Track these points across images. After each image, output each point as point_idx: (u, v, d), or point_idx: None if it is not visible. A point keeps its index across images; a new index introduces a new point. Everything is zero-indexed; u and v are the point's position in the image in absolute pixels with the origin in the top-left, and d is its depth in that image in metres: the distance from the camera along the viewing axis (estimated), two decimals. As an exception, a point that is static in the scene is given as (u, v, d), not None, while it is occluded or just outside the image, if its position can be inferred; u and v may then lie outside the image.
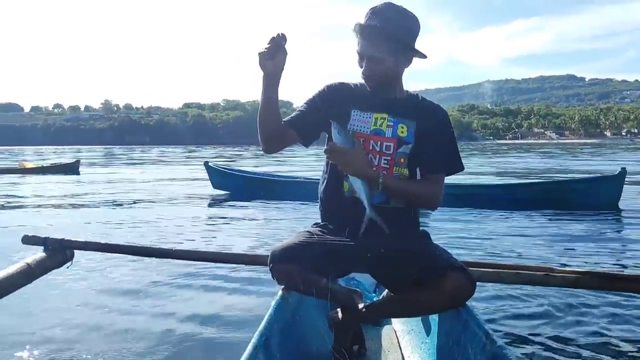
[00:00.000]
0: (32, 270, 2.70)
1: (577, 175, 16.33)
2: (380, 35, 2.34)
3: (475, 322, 2.08)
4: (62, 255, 2.90)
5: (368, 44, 2.37)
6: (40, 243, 2.89)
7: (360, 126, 2.45)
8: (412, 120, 2.46)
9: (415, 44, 2.44)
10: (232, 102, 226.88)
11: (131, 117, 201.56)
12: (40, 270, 2.76)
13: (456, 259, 2.27)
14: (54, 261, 2.86)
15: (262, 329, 1.96)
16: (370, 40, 2.36)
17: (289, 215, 9.01)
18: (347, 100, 2.50)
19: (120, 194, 13.16)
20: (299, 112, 2.53)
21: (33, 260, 2.74)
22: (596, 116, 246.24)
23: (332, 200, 2.53)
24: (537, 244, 6.31)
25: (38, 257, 2.80)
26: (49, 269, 2.84)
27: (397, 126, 2.44)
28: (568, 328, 3.37)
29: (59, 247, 2.88)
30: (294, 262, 2.26)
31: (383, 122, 2.45)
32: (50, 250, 2.87)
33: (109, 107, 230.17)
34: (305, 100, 2.57)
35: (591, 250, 5.90)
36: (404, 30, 2.37)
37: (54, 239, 2.90)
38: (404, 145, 2.43)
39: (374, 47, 2.36)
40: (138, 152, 56.42)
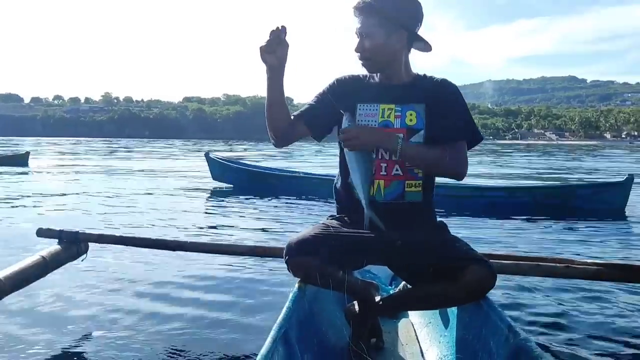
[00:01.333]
0: (47, 263, 2.70)
1: (580, 178, 16.35)
2: (370, 11, 2.34)
3: (497, 314, 2.05)
4: (77, 248, 2.90)
5: (360, 21, 2.38)
6: (55, 236, 2.88)
7: (368, 120, 2.43)
8: (421, 102, 2.41)
9: (418, 31, 2.43)
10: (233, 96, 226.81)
11: (131, 110, 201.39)
12: (55, 263, 2.76)
13: (476, 250, 2.25)
14: (68, 254, 2.86)
15: (281, 321, 1.94)
16: (361, 17, 2.37)
17: (291, 211, 8.91)
18: (353, 94, 2.48)
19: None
20: (309, 105, 2.52)
21: (48, 253, 2.74)
22: (596, 118, 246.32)
23: (346, 200, 2.52)
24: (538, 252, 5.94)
25: (53, 249, 2.80)
26: (64, 261, 2.84)
27: (405, 114, 2.39)
28: (590, 321, 3.34)
29: (73, 239, 2.88)
30: (311, 254, 2.24)
31: (390, 112, 2.41)
32: (65, 243, 2.86)
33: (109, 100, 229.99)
34: (316, 94, 2.56)
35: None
36: (395, 7, 2.34)
37: (68, 232, 2.89)
38: (415, 134, 2.38)
39: (364, 23, 2.37)
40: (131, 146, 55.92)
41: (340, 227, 2.42)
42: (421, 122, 2.40)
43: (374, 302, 2.42)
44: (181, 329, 3.29)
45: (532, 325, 3.28)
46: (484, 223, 7.89)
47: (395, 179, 2.38)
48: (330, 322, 2.56)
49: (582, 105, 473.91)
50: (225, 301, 3.79)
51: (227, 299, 3.83)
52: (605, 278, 2.64)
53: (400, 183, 2.38)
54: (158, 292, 4.00)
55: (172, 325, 3.35)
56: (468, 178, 2.59)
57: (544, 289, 3.88)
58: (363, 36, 2.37)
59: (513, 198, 9.66)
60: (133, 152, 38.06)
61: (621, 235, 7.36)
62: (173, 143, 72.13)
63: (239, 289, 4.05)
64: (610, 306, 3.57)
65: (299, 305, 2.19)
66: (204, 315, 3.51)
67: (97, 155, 31.41)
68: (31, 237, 3.17)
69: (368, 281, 2.57)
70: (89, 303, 3.74)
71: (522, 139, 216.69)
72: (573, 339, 3.08)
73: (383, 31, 2.35)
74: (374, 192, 2.42)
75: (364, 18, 2.36)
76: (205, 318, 3.46)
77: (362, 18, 2.37)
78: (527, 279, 3.72)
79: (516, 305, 3.60)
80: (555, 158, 33.66)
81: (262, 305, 3.67)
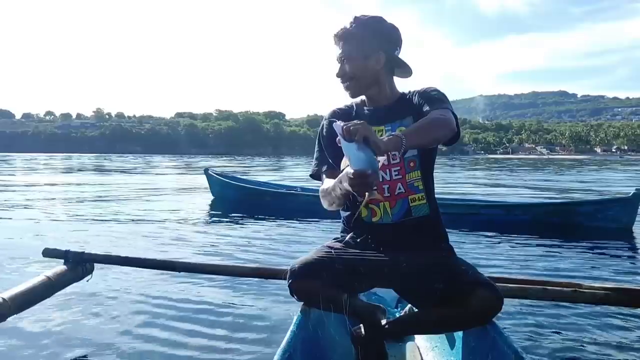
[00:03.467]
0: (53, 283, 2.70)
1: (579, 194, 15.61)
2: (348, 37, 2.46)
3: (504, 340, 2.05)
4: (83, 268, 2.89)
5: (340, 48, 2.49)
6: (61, 256, 2.88)
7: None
8: (408, 116, 2.45)
9: (398, 54, 2.51)
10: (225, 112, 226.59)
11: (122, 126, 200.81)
12: (61, 283, 2.76)
13: (482, 274, 2.24)
14: (74, 274, 2.85)
15: (285, 346, 1.94)
16: (340, 43, 2.48)
17: (296, 230, 8.45)
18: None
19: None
20: (319, 160, 2.61)
21: (54, 274, 2.73)
22: (586, 132, 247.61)
23: (352, 223, 2.53)
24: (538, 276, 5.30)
25: (59, 270, 2.79)
26: (70, 282, 2.84)
27: (395, 132, 2.40)
28: (599, 348, 3.30)
29: (79, 260, 2.87)
30: (314, 278, 2.24)
31: (381, 134, 2.42)
32: (71, 264, 2.86)
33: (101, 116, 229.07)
34: (316, 145, 2.65)
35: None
36: (372, 31, 2.44)
37: (75, 252, 2.88)
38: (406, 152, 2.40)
39: (344, 49, 2.47)
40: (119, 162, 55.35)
41: (345, 249, 2.42)
42: None
43: (380, 325, 2.41)
44: (183, 353, 3.25)
45: (539, 351, 3.24)
46: (480, 242, 7.38)
47: (399, 198, 2.41)
48: (335, 346, 2.54)
49: (573, 119, 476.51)
50: (228, 324, 3.72)
51: (230, 322, 3.76)
52: (614, 303, 2.63)
53: (404, 201, 2.41)
54: (161, 315, 3.94)
55: (174, 348, 3.31)
56: (464, 188, 2.57)
57: (551, 313, 3.84)
58: (343, 61, 2.47)
59: (511, 216, 9.09)
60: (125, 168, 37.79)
61: (628, 256, 6.80)
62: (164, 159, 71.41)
63: (242, 312, 4.00)
64: (619, 333, 3.53)
65: (303, 330, 2.18)
66: (206, 338, 3.46)
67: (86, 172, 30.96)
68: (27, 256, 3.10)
69: (374, 304, 2.54)
70: (92, 324, 3.69)
71: (513, 154, 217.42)
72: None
73: (362, 54, 2.44)
74: (381, 215, 2.44)
75: (343, 44, 2.47)
76: (207, 341, 3.41)
77: (341, 44, 2.48)
78: (534, 302, 3.69)
79: (523, 330, 3.56)
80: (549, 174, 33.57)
81: (266, 329, 3.62)
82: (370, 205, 2.44)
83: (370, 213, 2.46)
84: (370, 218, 2.45)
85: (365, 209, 2.45)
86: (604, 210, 8.61)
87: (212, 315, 3.92)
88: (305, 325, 2.23)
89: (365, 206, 2.44)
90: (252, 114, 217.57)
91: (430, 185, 2.48)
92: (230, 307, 4.14)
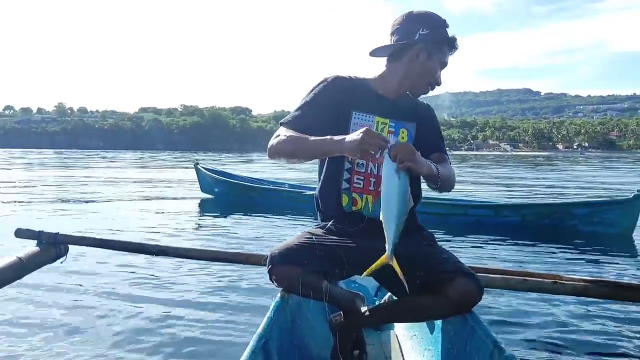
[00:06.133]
0: (24, 264, 2.62)
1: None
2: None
3: (482, 329, 2.05)
4: (56, 250, 2.82)
5: (447, 56, 2.49)
6: (33, 237, 2.81)
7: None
8: (412, 121, 2.49)
9: None
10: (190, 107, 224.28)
11: (85, 121, 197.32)
12: (33, 265, 2.68)
13: (463, 263, 2.25)
14: (47, 256, 2.78)
15: (261, 332, 1.91)
16: (450, 52, 2.50)
17: (286, 224, 8.26)
18: (350, 98, 2.45)
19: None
20: (299, 114, 2.41)
21: (25, 255, 2.66)
22: (549, 129, 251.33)
23: (331, 212, 2.49)
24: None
25: (30, 251, 2.72)
26: (42, 263, 2.76)
27: (398, 131, 2.45)
28: (576, 338, 3.36)
29: (52, 241, 2.80)
30: (294, 264, 2.21)
31: (385, 127, 2.44)
32: (44, 245, 2.79)
33: (63, 110, 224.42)
34: (307, 99, 2.45)
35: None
36: None
37: (47, 233, 2.82)
38: None
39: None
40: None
41: (325, 235, 2.40)
42: (410, 140, 2.46)
43: (359, 313, 2.39)
44: (158, 337, 3.24)
45: (518, 341, 3.29)
46: (467, 245, 6.98)
47: None
48: (313, 333, 2.52)
49: (537, 117, 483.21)
50: (205, 309, 3.74)
51: (207, 308, 3.78)
52: (593, 295, 2.64)
53: None
54: (136, 299, 3.95)
55: (148, 334, 3.31)
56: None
57: (531, 304, 3.88)
58: (442, 69, 2.49)
59: (500, 217, 8.44)
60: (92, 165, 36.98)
61: (628, 266, 5.99)
62: (126, 154, 70.19)
63: (220, 297, 4.00)
64: (597, 323, 3.59)
65: (280, 316, 2.16)
66: (181, 324, 3.47)
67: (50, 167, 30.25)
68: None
69: (353, 292, 2.52)
70: (64, 306, 3.71)
71: (477, 150, 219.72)
72: (559, 355, 3.10)
73: None
74: (361, 206, 2.42)
75: (451, 54, 2.49)
76: (182, 327, 3.42)
77: (450, 53, 2.49)
78: (515, 293, 3.74)
79: (502, 319, 3.60)
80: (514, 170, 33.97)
81: (244, 314, 3.62)
82: (354, 194, 2.43)
83: (351, 202, 2.44)
84: (350, 206, 2.44)
85: (347, 197, 2.43)
86: (601, 213, 7.93)
87: (188, 300, 3.92)
88: (283, 311, 2.21)
89: (347, 194, 2.42)
90: (218, 109, 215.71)
91: (414, 185, 2.45)
92: (208, 292, 4.14)
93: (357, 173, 2.43)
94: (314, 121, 2.39)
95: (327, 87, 2.46)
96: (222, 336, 3.27)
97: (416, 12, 2.49)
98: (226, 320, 3.51)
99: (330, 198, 2.49)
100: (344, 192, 2.44)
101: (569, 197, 13.84)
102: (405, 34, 2.43)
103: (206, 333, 3.31)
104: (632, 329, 3.54)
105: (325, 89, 2.46)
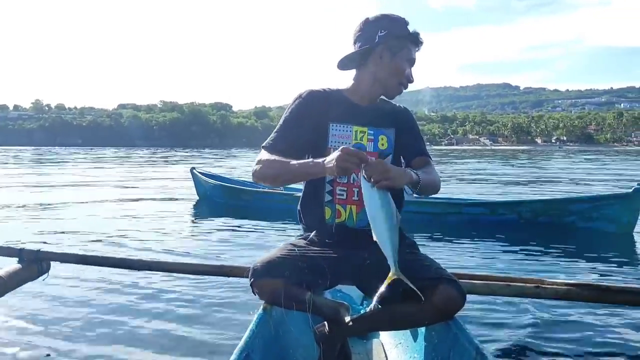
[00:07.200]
0: (5, 282, 2.61)
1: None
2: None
3: (465, 336, 2.07)
4: (38, 267, 2.80)
5: (414, 52, 2.47)
6: (14, 254, 2.78)
7: (341, 142, 2.40)
8: (391, 127, 2.49)
9: None
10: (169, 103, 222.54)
11: (63, 118, 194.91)
12: (15, 282, 2.67)
13: (445, 269, 2.25)
14: (29, 273, 2.76)
15: (243, 345, 1.90)
16: (416, 48, 2.48)
17: (283, 231, 7.84)
18: (326, 111, 2.44)
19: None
20: (279, 135, 2.43)
21: (6, 273, 2.64)
22: (527, 124, 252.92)
23: (314, 225, 2.49)
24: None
25: (12, 269, 2.70)
26: (24, 281, 2.75)
27: (377, 138, 2.44)
28: (559, 342, 3.35)
29: (34, 258, 2.78)
30: (276, 276, 2.20)
31: (363, 135, 2.43)
32: (26, 262, 2.76)
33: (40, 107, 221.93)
34: (284, 118, 2.48)
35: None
36: None
37: (29, 250, 2.80)
38: (384, 158, 2.40)
39: (414, 54, 2.47)
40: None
41: (307, 246, 2.39)
42: (391, 147, 2.46)
43: (343, 322, 2.39)
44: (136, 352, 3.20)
45: (501, 347, 3.28)
46: (461, 245, 6.71)
47: None
48: (297, 344, 2.52)
49: (516, 111, 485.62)
50: (188, 323, 3.67)
51: (190, 321, 3.71)
52: (575, 298, 2.67)
53: None
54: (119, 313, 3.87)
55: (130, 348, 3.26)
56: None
57: (514, 310, 3.87)
58: (410, 65, 2.45)
59: (496, 215, 8.06)
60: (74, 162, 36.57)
61: (630, 266, 5.71)
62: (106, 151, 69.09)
63: (203, 310, 3.95)
64: (581, 327, 3.59)
65: (263, 328, 2.15)
66: (164, 338, 3.41)
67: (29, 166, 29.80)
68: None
69: (338, 301, 2.50)
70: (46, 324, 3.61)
71: (457, 145, 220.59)
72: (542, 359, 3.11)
73: None
74: (345, 218, 2.42)
75: (416, 50, 2.47)
76: (162, 341, 3.37)
77: (416, 49, 2.47)
78: (498, 299, 3.73)
79: (486, 326, 3.59)
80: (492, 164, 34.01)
81: (227, 328, 3.58)
82: (337, 205, 2.42)
83: (334, 214, 2.43)
84: (333, 219, 2.43)
85: (330, 209, 2.43)
86: (600, 208, 7.52)
87: (172, 314, 3.87)
88: (266, 324, 2.20)
89: (330, 206, 2.42)
90: (198, 105, 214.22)
91: (399, 194, 2.46)
92: (190, 305, 4.09)
93: (339, 184, 2.42)
94: (295, 140, 2.41)
95: (301, 103, 2.47)
96: (204, 350, 3.23)
97: (372, 17, 2.48)
98: (208, 334, 3.46)
99: (312, 211, 2.49)
100: (326, 205, 2.43)
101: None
102: (366, 39, 2.42)
103: (188, 347, 3.27)
104: (615, 330, 3.55)
105: (300, 105, 2.47)
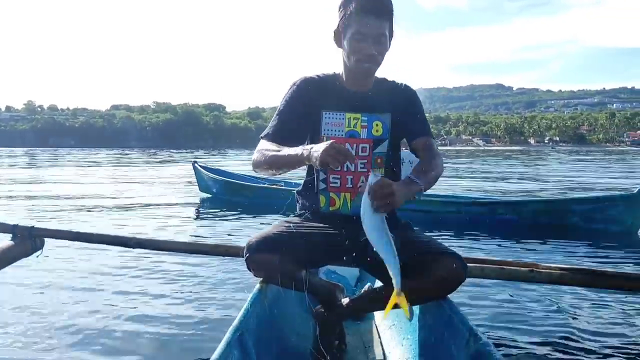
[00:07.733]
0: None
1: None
2: (388, 12, 2.27)
3: (459, 317, 2.06)
4: (32, 244, 2.78)
5: (377, 25, 2.24)
6: (8, 231, 2.76)
7: (334, 130, 2.39)
8: (386, 112, 2.42)
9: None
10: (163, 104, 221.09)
11: (55, 119, 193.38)
12: (8, 259, 2.65)
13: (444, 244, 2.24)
14: (22, 250, 2.75)
15: (237, 324, 1.88)
16: (379, 20, 2.24)
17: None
18: (319, 99, 2.41)
19: None
20: (278, 123, 2.40)
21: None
22: (520, 124, 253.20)
23: (310, 208, 2.48)
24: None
25: (5, 245, 2.69)
26: (17, 257, 2.73)
27: (371, 125, 2.40)
28: (552, 325, 3.36)
29: (27, 235, 2.76)
30: (272, 251, 2.18)
31: (357, 122, 2.39)
32: (19, 238, 2.75)
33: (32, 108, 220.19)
34: (281, 106, 2.45)
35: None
36: (393, 9, 2.30)
37: (23, 227, 2.78)
38: (379, 144, 2.39)
39: (382, 26, 2.26)
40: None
41: (302, 223, 2.39)
42: (386, 132, 2.42)
43: (338, 303, 2.39)
44: (134, 329, 3.20)
45: (495, 329, 3.29)
46: (461, 245, 6.27)
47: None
48: (292, 324, 2.51)
49: (509, 112, 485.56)
50: (182, 302, 3.70)
51: (184, 300, 3.74)
52: (568, 282, 2.67)
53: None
54: (113, 291, 3.91)
55: (124, 325, 3.26)
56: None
57: (508, 293, 3.89)
58: (375, 40, 2.26)
59: (495, 215, 7.76)
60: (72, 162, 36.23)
61: (634, 267, 5.43)
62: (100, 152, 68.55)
63: (198, 290, 3.96)
64: (573, 311, 3.60)
65: (258, 307, 2.13)
66: (158, 317, 3.42)
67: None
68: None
69: (333, 282, 2.52)
70: (41, 301, 3.64)
71: (450, 145, 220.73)
72: (534, 343, 3.10)
73: (390, 35, 2.32)
74: (339, 206, 2.41)
75: (383, 20, 2.25)
76: (159, 319, 3.37)
77: (380, 21, 2.24)
78: (492, 281, 3.69)
79: (479, 308, 3.61)
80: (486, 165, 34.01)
81: (223, 307, 3.59)
82: (331, 193, 2.42)
83: (328, 202, 2.43)
84: (328, 207, 2.43)
85: (324, 197, 2.42)
86: (603, 209, 7.28)
87: (165, 293, 3.88)
88: (262, 303, 2.18)
89: (324, 194, 2.42)
90: (191, 106, 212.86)
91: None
92: (185, 284, 4.10)
93: (332, 172, 2.39)
94: (292, 127, 2.38)
95: (295, 91, 2.44)
96: (199, 330, 3.23)
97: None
98: (204, 314, 3.46)
99: (308, 199, 2.49)
100: (321, 193, 2.43)
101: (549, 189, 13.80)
102: (336, 24, 2.34)
103: (182, 327, 3.26)
104: (608, 314, 3.57)
105: (294, 93, 2.44)
